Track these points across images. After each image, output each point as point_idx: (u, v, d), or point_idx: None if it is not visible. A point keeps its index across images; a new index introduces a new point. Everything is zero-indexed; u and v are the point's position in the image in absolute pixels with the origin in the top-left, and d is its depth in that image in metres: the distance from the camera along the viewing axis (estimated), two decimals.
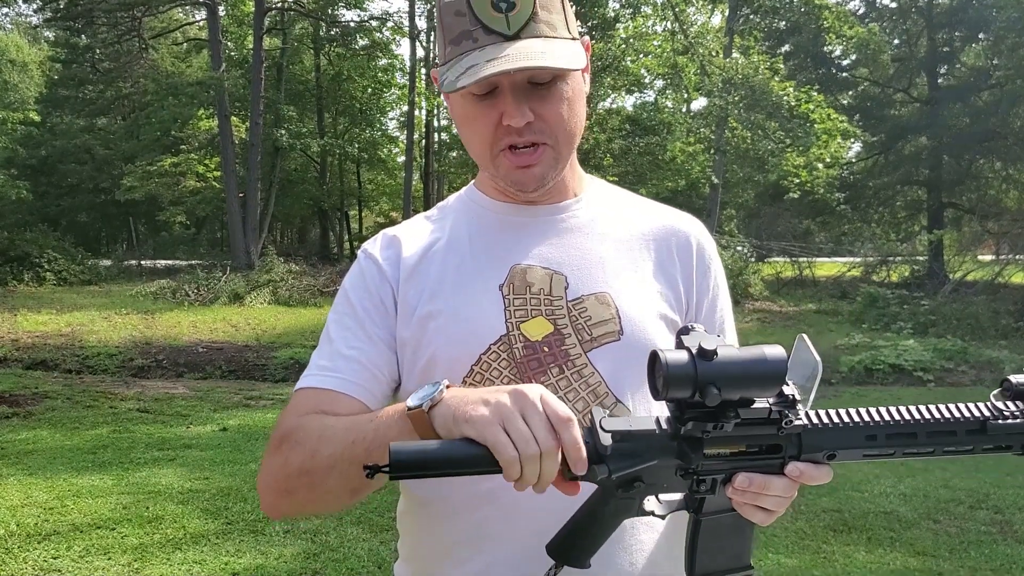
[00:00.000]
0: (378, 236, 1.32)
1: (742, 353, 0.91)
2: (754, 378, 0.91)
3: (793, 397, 0.96)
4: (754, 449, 0.98)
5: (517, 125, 1.13)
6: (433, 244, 1.27)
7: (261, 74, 23.48)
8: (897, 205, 27.58)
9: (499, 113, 1.13)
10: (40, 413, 8.17)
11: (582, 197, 1.30)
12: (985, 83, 24.32)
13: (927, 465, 6.87)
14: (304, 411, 1.15)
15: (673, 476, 0.98)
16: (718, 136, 19.86)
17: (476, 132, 1.18)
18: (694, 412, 0.93)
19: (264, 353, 12.17)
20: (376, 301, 1.23)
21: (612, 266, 1.24)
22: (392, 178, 33.38)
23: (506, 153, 1.17)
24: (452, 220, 1.30)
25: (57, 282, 20.69)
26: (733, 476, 0.98)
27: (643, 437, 0.96)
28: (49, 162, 29.53)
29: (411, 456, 0.91)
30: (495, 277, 1.21)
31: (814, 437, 0.98)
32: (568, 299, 1.20)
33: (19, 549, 4.54)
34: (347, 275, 1.29)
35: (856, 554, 4.82)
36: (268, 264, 20.56)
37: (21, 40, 44.60)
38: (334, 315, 1.26)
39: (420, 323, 1.20)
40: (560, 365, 1.16)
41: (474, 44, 1.11)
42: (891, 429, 0.98)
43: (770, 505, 1.00)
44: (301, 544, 4.71)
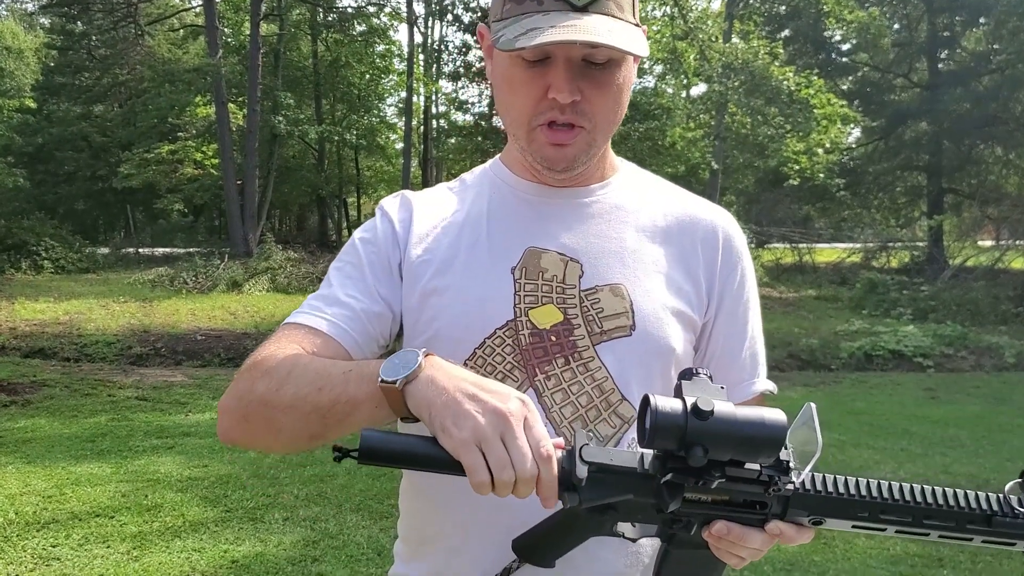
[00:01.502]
0: (399, 194, 1.29)
1: (740, 415, 0.85)
2: (748, 444, 0.86)
3: (787, 464, 0.91)
4: (738, 500, 0.93)
5: (564, 101, 1.08)
6: (450, 216, 1.23)
7: (258, 60, 23.36)
8: (897, 191, 27.54)
9: (546, 84, 1.09)
10: (38, 401, 8.15)
11: (610, 182, 1.26)
12: (986, 68, 24.24)
13: (927, 451, 6.87)
14: (285, 343, 1.12)
15: (649, 512, 0.94)
16: (718, 122, 19.81)
17: (518, 99, 1.12)
18: (677, 464, 0.88)
19: (263, 340, 12.11)
20: (383, 258, 1.20)
21: (631, 257, 1.19)
22: (390, 165, 33.27)
23: (543, 128, 1.12)
24: (473, 194, 1.26)
25: (55, 270, 20.65)
26: (711, 522, 0.93)
27: (622, 474, 0.91)
28: (46, 150, 29.43)
29: (382, 446, 0.88)
30: (508, 259, 1.17)
31: (803, 501, 0.93)
32: (581, 288, 1.16)
33: (18, 537, 4.53)
34: (360, 227, 1.28)
35: (856, 539, 4.81)
36: (266, 251, 20.52)
37: (17, 27, 44.40)
38: (338, 262, 1.24)
39: (425, 296, 1.17)
40: (566, 356, 1.13)
41: (539, 7, 1.05)
42: (887, 508, 0.94)
43: (745, 555, 0.96)
44: (300, 532, 4.70)
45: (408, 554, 1.26)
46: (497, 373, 1.11)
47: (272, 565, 4.22)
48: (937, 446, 7.09)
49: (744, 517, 0.93)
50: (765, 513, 0.93)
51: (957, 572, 4.36)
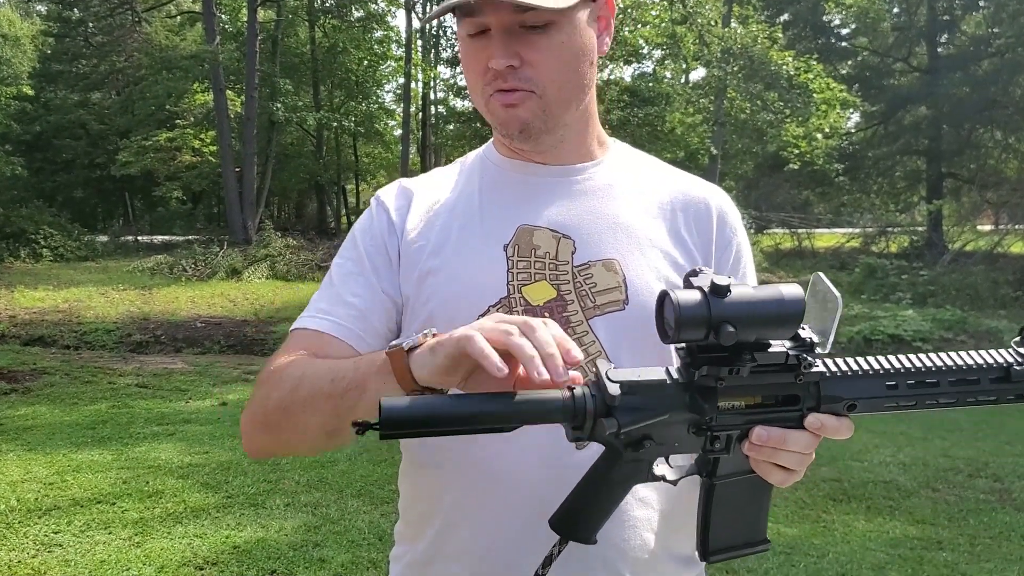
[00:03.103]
0: (394, 184, 1.30)
1: (757, 291, 0.86)
2: (771, 317, 0.86)
3: (811, 341, 0.91)
4: (771, 401, 0.92)
5: (497, 68, 1.09)
6: (443, 199, 1.25)
7: (256, 47, 23.27)
8: (896, 175, 27.50)
9: (487, 55, 1.10)
10: (39, 389, 8.16)
11: (602, 160, 1.26)
12: (985, 52, 24.18)
13: (926, 434, 6.89)
14: (296, 351, 1.15)
15: (685, 433, 0.91)
16: (717, 107, 19.76)
17: (471, 75, 1.16)
18: (707, 356, 0.88)
19: (263, 328, 12.16)
20: (382, 250, 1.22)
21: (624, 233, 1.19)
22: (389, 151, 33.18)
23: (495, 95, 1.13)
24: (466, 176, 1.28)
25: (54, 258, 20.64)
26: (749, 431, 0.92)
27: (653, 388, 0.89)
28: (43, 138, 29.33)
29: (405, 413, 0.83)
30: (501, 237, 1.18)
31: (833, 386, 0.92)
32: (574, 264, 1.16)
33: (20, 524, 4.54)
34: (358, 220, 1.29)
35: (856, 523, 4.84)
36: (265, 239, 20.52)
37: (13, 14, 44.19)
38: (339, 259, 1.25)
39: (421, 279, 1.18)
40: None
41: None
42: (912, 377, 0.93)
43: (789, 463, 0.94)
44: (302, 517, 4.72)
45: (409, 534, 1.26)
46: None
47: (274, 550, 4.23)
48: (936, 430, 7.11)
49: (781, 417, 0.92)
50: (800, 408, 0.92)
51: (956, 554, 4.38)
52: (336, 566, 4.04)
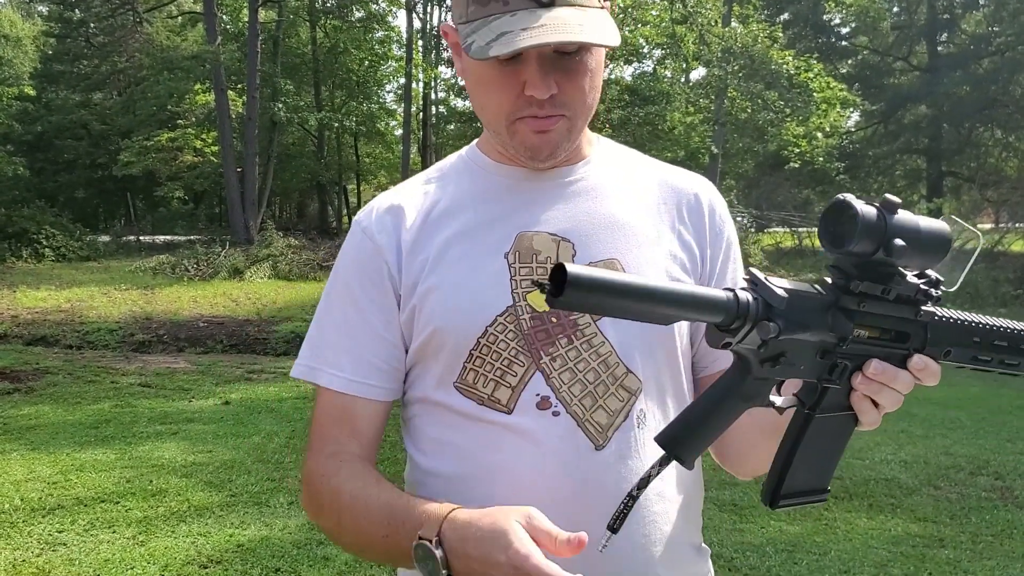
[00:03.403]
0: (371, 206, 1.23)
1: (919, 217, 0.90)
2: (932, 240, 0.90)
3: (937, 279, 0.95)
4: (887, 336, 0.95)
5: (542, 97, 1.06)
6: (433, 209, 1.20)
7: (257, 47, 23.29)
8: (897, 174, 27.52)
9: (521, 82, 1.06)
10: (41, 389, 8.18)
11: (591, 159, 1.24)
12: (985, 50, 24.18)
13: (927, 432, 6.91)
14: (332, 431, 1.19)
15: (812, 357, 0.92)
16: (717, 106, 19.78)
17: (493, 99, 1.11)
18: (867, 271, 0.90)
19: (265, 327, 12.18)
20: (378, 285, 1.18)
21: (622, 231, 1.19)
22: (390, 151, 33.21)
23: (524, 120, 1.10)
24: (454, 183, 1.23)
25: (56, 258, 20.66)
26: (864, 364, 0.93)
27: (810, 301, 0.89)
28: (45, 138, 29.37)
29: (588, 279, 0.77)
30: (500, 245, 1.15)
31: (938, 331, 0.97)
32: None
33: (24, 523, 4.56)
34: (343, 254, 1.22)
35: (857, 521, 4.85)
36: (267, 239, 20.53)
37: (14, 15, 44.21)
38: (335, 300, 1.22)
39: (423, 296, 1.15)
40: (568, 335, 1.12)
41: (504, 7, 1.03)
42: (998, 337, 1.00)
43: (887, 402, 0.96)
44: (305, 516, 4.72)
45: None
46: (503, 360, 1.11)
47: (278, 549, 4.25)
48: (938, 427, 7.12)
49: (892, 353, 0.95)
50: (908, 347, 0.96)
51: (958, 551, 4.39)
52: (340, 564, 4.06)
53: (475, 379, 1.12)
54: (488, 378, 1.12)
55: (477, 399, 1.12)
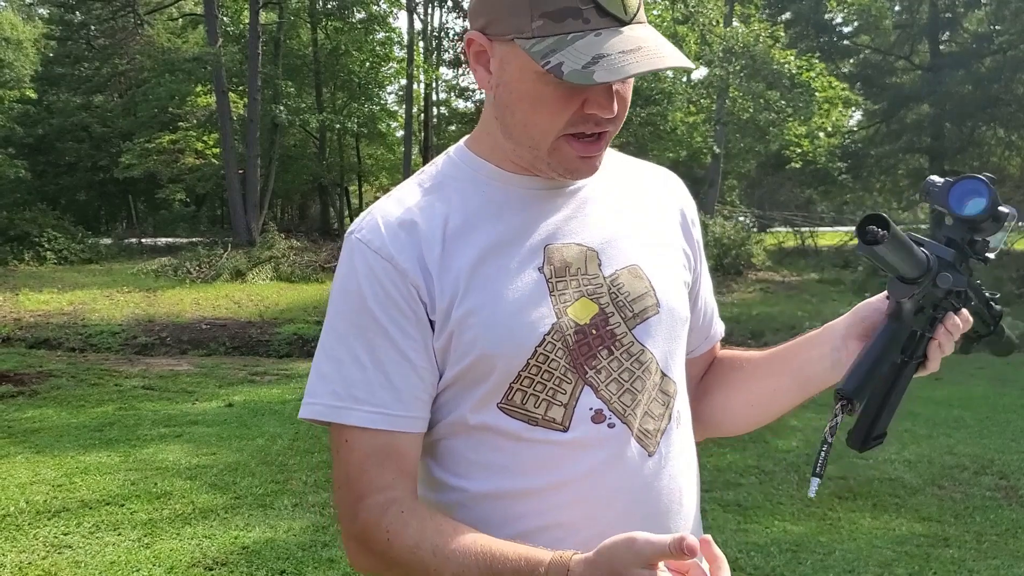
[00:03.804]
0: (375, 223, 1.11)
1: None
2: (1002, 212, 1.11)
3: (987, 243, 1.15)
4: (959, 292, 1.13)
5: (610, 115, 1.05)
6: (447, 224, 1.11)
7: (258, 49, 23.31)
8: (899, 173, 27.50)
9: (582, 99, 1.03)
10: (45, 391, 8.19)
11: None
12: (987, 49, 24.17)
13: (931, 432, 6.90)
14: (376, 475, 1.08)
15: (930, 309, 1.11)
16: (719, 106, 19.78)
17: (545, 116, 1.05)
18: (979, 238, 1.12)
19: (268, 329, 12.19)
20: (406, 312, 1.08)
21: (636, 236, 1.19)
22: (391, 152, 33.22)
23: (569, 138, 1.07)
24: (459, 193, 1.14)
25: (58, 261, 20.69)
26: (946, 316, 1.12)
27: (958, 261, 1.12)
28: (46, 141, 29.38)
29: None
30: (532, 259, 1.11)
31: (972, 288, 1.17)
32: (604, 275, 1.14)
33: (29, 526, 4.57)
34: (353, 275, 1.10)
35: (862, 520, 4.85)
36: (269, 240, 20.55)
37: (15, 17, 44.29)
38: (354, 332, 1.09)
39: (461, 320, 1.07)
40: (608, 347, 1.11)
41: (585, 25, 0.99)
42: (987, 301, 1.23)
43: (949, 347, 1.14)
44: (310, 517, 4.74)
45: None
46: (553, 379, 1.08)
47: (283, 551, 4.26)
48: (941, 427, 7.11)
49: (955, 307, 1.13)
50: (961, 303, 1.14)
51: (963, 551, 4.38)
52: (345, 566, 4.06)
53: (523, 399, 1.07)
54: (539, 398, 1.07)
55: (528, 420, 1.08)
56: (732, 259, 18.56)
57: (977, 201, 1.09)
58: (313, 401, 1.10)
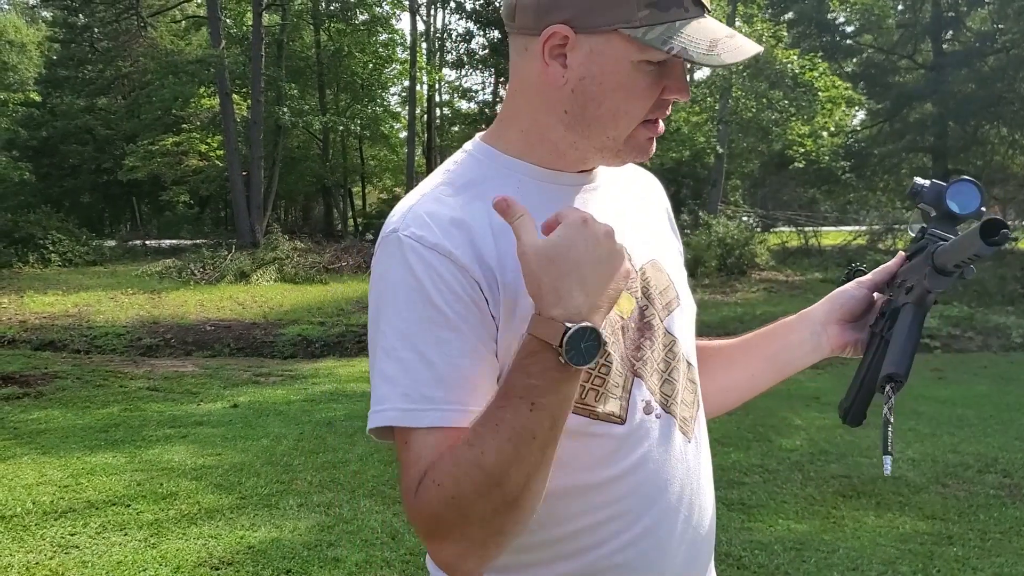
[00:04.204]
0: (423, 220, 1.07)
1: None
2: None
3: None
4: None
5: (686, 100, 1.12)
6: (491, 220, 1.07)
7: (261, 51, 23.37)
8: (902, 173, 27.42)
9: (661, 86, 1.08)
10: (51, 393, 8.22)
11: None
12: (991, 48, 24.12)
13: (935, 431, 6.90)
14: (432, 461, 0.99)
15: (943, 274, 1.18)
16: (722, 106, 19.77)
17: (636, 103, 1.08)
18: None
19: (272, 330, 12.21)
20: (468, 303, 1.04)
21: (648, 231, 1.24)
22: (394, 154, 33.32)
23: (647, 125, 1.11)
24: (494, 191, 1.09)
25: (62, 263, 20.75)
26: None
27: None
28: (50, 143, 29.49)
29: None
30: None
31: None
32: (635, 267, 1.16)
33: (36, 526, 4.59)
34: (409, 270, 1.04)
35: (865, 518, 4.85)
36: (273, 242, 20.60)
37: (19, 20, 44.42)
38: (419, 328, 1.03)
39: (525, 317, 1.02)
40: (649, 338, 1.15)
41: (685, 14, 1.04)
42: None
43: None
44: (315, 517, 4.75)
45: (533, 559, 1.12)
46: (611, 373, 1.09)
47: (288, 550, 4.27)
48: (945, 426, 7.11)
49: None
50: None
51: (966, 548, 4.39)
52: (350, 565, 4.08)
53: (583, 394, 1.06)
54: (599, 392, 1.07)
55: (590, 415, 1.07)
56: (736, 259, 18.55)
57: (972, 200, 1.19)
58: (383, 408, 1.03)
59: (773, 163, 25.37)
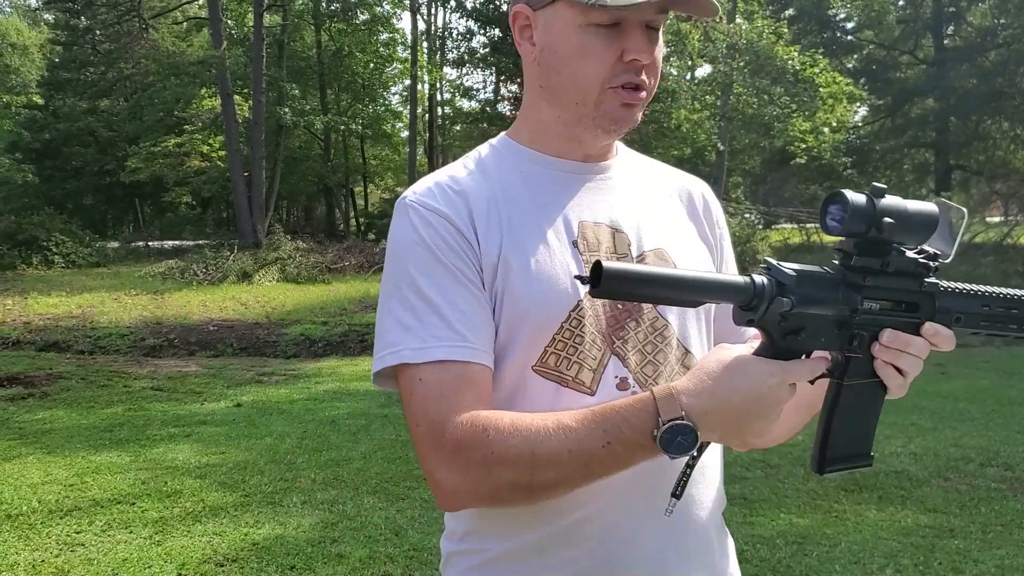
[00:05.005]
0: (428, 189, 1.19)
1: (906, 200, 1.01)
2: (918, 218, 1.01)
3: (935, 253, 1.05)
4: (899, 307, 1.05)
5: (647, 62, 1.14)
6: (491, 197, 1.19)
7: (262, 51, 23.39)
8: (904, 168, 27.47)
9: (620, 48, 1.13)
10: (55, 393, 8.25)
11: (619, 156, 1.31)
12: (992, 43, 24.10)
13: (936, 425, 6.91)
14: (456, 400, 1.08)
15: (831, 330, 1.03)
16: (723, 102, 19.76)
17: (591, 65, 1.14)
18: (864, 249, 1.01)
19: (274, 330, 12.24)
20: (463, 257, 1.14)
21: (662, 223, 1.26)
22: (396, 153, 33.33)
23: (616, 90, 1.15)
24: (497, 172, 1.23)
25: (66, 265, 20.79)
26: (880, 333, 1.03)
27: (818, 279, 1.01)
28: (53, 145, 29.52)
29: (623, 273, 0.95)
30: (567, 233, 1.19)
31: (945, 300, 1.08)
32: (633, 255, 1.21)
33: (42, 524, 4.61)
34: (412, 229, 1.15)
35: (867, 512, 4.87)
36: (275, 242, 20.62)
37: (21, 23, 44.48)
38: (422, 276, 1.13)
39: (504, 277, 1.14)
40: (636, 319, 1.18)
41: None
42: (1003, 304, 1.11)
43: (907, 366, 1.05)
44: (319, 514, 4.78)
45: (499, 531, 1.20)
46: (584, 344, 1.14)
47: (293, 547, 4.29)
48: (947, 420, 7.12)
49: (905, 322, 1.05)
50: (919, 316, 1.06)
51: (968, 541, 4.40)
52: (354, 561, 4.10)
53: (557, 362, 1.13)
54: (571, 360, 1.13)
55: (560, 381, 1.13)
56: (737, 256, 18.35)
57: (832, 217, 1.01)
58: (396, 349, 1.11)
59: (774, 160, 25.36)
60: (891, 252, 1.02)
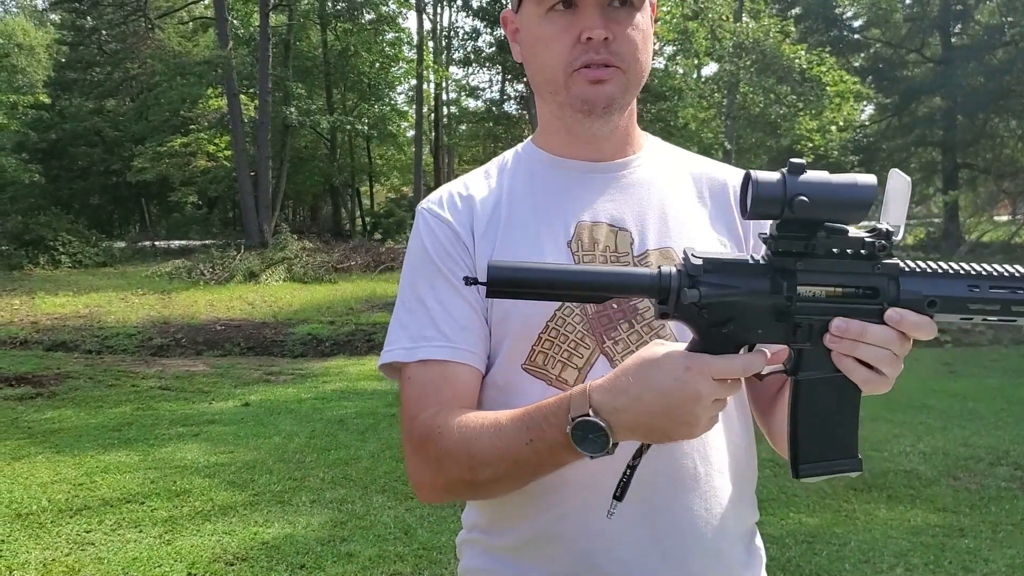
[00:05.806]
0: (440, 195, 1.28)
1: (833, 175, 0.92)
2: (842, 196, 0.91)
3: (887, 230, 0.94)
4: (851, 293, 0.94)
5: (598, 38, 1.14)
6: (497, 200, 1.25)
7: (268, 51, 23.43)
8: (912, 167, 27.34)
9: (578, 30, 1.15)
10: (63, 393, 8.26)
11: (641, 153, 1.30)
12: (999, 41, 24.01)
13: (946, 424, 6.89)
14: (432, 398, 1.15)
15: (768, 320, 0.95)
16: (730, 101, 19.72)
17: (553, 50, 1.18)
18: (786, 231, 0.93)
19: (281, 330, 12.25)
20: (459, 263, 1.20)
21: (674, 220, 1.24)
22: (402, 153, 33.31)
23: (581, 71, 1.17)
24: (510, 175, 1.29)
25: (72, 265, 20.84)
26: (830, 323, 0.94)
27: (735, 266, 0.95)
28: (60, 145, 29.61)
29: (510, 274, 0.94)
30: (562, 233, 1.21)
31: (914, 282, 0.95)
32: (634, 255, 1.21)
33: (52, 524, 4.62)
34: (419, 236, 1.24)
35: (877, 512, 4.86)
36: (282, 242, 20.64)
37: (27, 23, 44.59)
38: (421, 279, 1.22)
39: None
40: (629, 320, 1.17)
41: None
42: (995, 282, 0.95)
43: (871, 358, 0.94)
44: (328, 513, 4.78)
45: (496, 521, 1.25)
46: (569, 343, 1.16)
47: (302, 545, 4.30)
48: (956, 419, 7.10)
49: (861, 309, 0.94)
50: (880, 302, 0.94)
51: (978, 541, 4.39)
52: (364, 560, 4.10)
53: (544, 360, 1.16)
54: (556, 359, 1.16)
55: (546, 379, 1.16)
56: None
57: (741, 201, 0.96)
58: (391, 348, 1.21)
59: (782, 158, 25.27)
60: (818, 232, 0.92)
